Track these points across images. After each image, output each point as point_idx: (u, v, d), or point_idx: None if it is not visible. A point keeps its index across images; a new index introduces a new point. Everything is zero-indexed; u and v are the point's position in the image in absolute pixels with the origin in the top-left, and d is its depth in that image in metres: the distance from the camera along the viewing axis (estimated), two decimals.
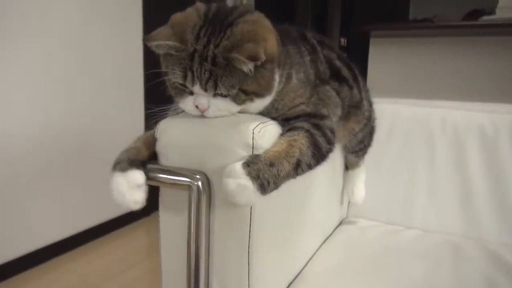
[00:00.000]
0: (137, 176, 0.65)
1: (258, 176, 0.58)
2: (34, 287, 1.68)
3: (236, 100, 0.64)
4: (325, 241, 1.03)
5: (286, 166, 0.61)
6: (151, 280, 1.74)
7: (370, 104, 1.06)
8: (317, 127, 0.70)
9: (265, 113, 0.71)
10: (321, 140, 0.68)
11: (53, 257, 1.89)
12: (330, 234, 1.07)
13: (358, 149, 1.04)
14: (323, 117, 0.74)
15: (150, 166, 0.69)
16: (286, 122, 0.71)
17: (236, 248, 0.67)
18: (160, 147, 0.69)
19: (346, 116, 0.88)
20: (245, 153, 0.63)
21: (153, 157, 0.71)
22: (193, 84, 0.62)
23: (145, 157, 0.70)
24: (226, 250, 0.69)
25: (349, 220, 1.18)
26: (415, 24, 2.46)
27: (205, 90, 0.62)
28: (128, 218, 2.32)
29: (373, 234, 1.08)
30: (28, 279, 1.73)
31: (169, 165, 0.68)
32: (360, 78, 0.97)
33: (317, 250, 0.97)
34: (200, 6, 0.66)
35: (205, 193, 0.65)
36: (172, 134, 0.68)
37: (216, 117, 0.66)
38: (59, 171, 1.89)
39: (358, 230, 1.11)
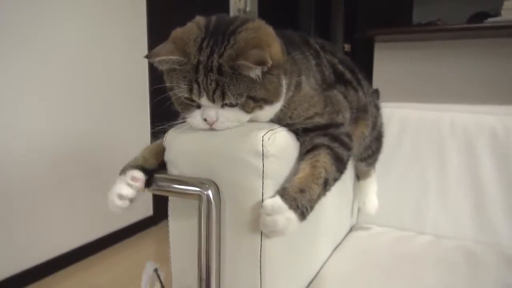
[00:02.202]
0: (135, 173, 0.66)
1: (298, 206, 0.60)
2: None
3: (245, 108, 0.63)
4: (336, 248, 1.01)
5: (316, 189, 0.63)
6: None
7: (377, 109, 1.04)
8: (335, 138, 0.70)
9: (278, 122, 0.70)
10: (341, 151, 0.69)
11: (64, 267, 1.89)
12: (341, 241, 1.05)
13: (366, 155, 1.02)
14: (338, 125, 0.73)
15: (158, 175, 0.68)
16: (304, 133, 0.70)
17: (247, 258, 0.66)
18: (169, 156, 0.69)
19: (355, 120, 0.87)
20: (255, 161, 0.62)
21: (162, 167, 0.70)
22: (199, 96, 0.61)
23: (152, 166, 0.70)
24: (237, 261, 0.67)
25: (359, 226, 1.17)
26: (420, 28, 2.45)
27: (213, 101, 0.61)
28: (137, 227, 2.32)
29: (385, 240, 1.06)
30: None
31: (178, 175, 0.68)
32: (364, 82, 0.96)
33: (328, 258, 0.95)
34: (200, 19, 0.66)
35: (215, 202, 0.64)
36: (181, 143, 0.68)
37: (226, 129, 0.65)
38: (70, 182, 1.91)
39: (369, 237, 1.09)
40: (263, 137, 0.63)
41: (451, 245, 1.01)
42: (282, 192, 0.62)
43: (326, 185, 0.65)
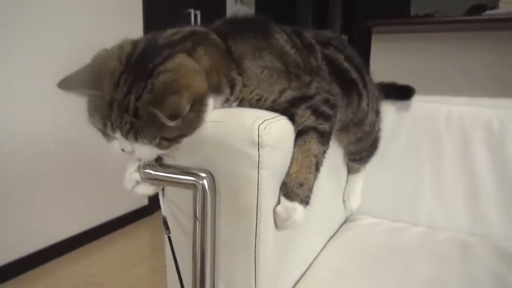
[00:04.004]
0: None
1: (302, 199, 0.67)
2: (39, 287, 1.68)
3: (160, 147, 0.61)
4: (330, 239, 1.02)
5: (311, 177, 0.69)
6: (155, 280, 1.74)
7: (377, 114, 1.01)
8: (318, 114, 0.71)
9: (256, 106, 0.69)
10: (325, 126, 0.71)
11: (57, 257, 1.89)
12: (335, 232, 1.06)
13: (353, 158, 1.02)
14: (311, 97, 0.72)
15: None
16: (296, 107, 0.71)
17: (242, 248, 0.66)
18: None
19: (341, 129, 0.89)
20: (250, 151, 0.62)
21: None
22: (113, 132, 0.60)
23: None
24: (232, 250, 0.68)
25: (353, 217, 1.17)
26: (417, 20, 2.44)
27: (126, 138, 0.60)
28: (132, 217, 2.32)
29: (379, 231, 1.07)
30: (33, 278, 1.73)
31: (173, 164, 0.67)
32: (370, 84, 0.93)
33: (322, 248, 0.96)
34: (126, 45, 0.63)
35: (210, 192, 0.64)
36: None
37: (145, 159, 0.64)
38: (63, 171, 1.90)
39: (363, 228, 1.10)
40: (259, 126, 0.62)
41: (444, 237, 1.02)
42: (285, 191, 0.67)
43: (318, 167, 0.70)
